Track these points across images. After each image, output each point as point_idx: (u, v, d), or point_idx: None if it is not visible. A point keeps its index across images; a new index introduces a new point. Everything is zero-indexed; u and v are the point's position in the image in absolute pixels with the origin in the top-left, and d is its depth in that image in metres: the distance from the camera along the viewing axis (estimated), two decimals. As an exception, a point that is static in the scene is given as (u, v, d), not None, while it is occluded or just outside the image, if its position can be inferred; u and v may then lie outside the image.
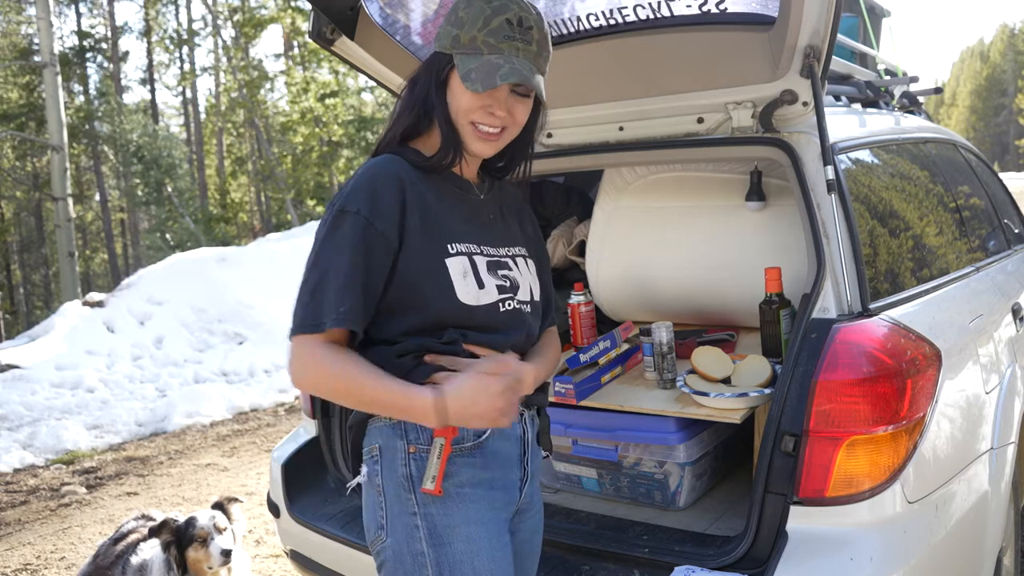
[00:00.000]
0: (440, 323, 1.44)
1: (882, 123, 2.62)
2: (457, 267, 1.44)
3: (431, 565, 1.40)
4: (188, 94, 30.30)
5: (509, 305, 1.50)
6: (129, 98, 27.04)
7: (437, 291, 1.42)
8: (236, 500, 2.71)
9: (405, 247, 1.42)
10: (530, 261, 1.61)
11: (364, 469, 1.50)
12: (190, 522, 2.56)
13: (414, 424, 1.43)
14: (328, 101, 20.00)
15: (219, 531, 2.55)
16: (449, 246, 1.45)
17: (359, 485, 1.53)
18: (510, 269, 1.54)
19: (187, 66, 27.67)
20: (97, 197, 26.27)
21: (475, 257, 1.48)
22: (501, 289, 1.49)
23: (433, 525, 1.41)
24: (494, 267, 1.50)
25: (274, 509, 2.57)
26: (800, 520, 1.68)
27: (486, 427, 1.42)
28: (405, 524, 1.42)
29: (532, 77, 1.43)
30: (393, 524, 1.43)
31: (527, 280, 1.56)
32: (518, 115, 1.49)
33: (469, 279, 1.45)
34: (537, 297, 1.59)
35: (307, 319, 1.38)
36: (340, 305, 1.36)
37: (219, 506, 2.67)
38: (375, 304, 1.42)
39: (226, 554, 2.52)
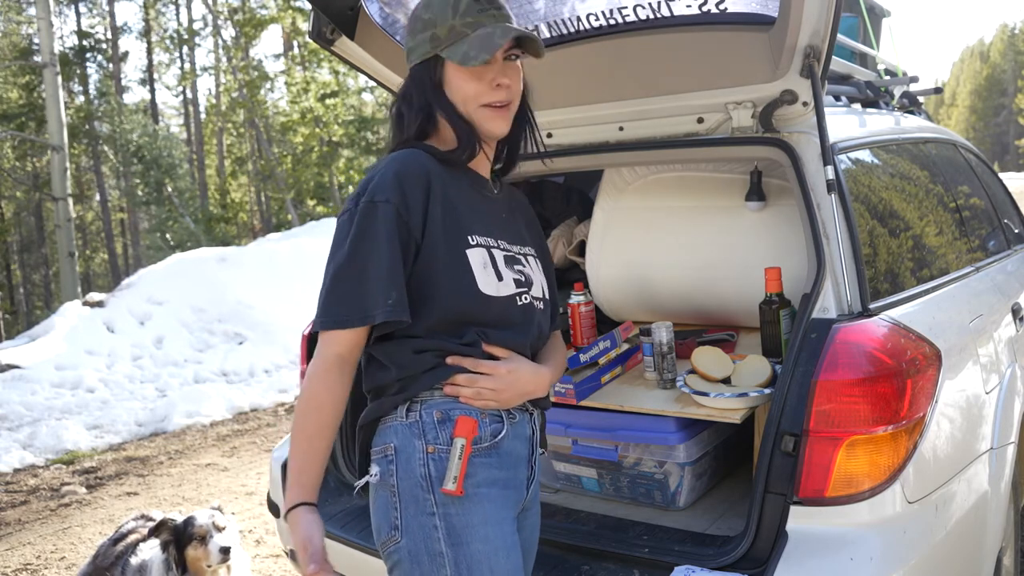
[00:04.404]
0: (460, 316, 1.45)
1: (882, 123, 2.62)
2: (477, 258, 1.46)
3: (449, 565, 1.39)
4: (188, 94, 30.31)
5: (525, 299, 1.53)
6: (129, 98, 27.06)
7: (458, 281, 1.44)
8: (220, 510, 2.67)
9: (428, 237, 1.43)
10: (538, 261, 1.63)
11: (375, 469, 1.48)
12: (189, 521, 2.55)
13: (432, 423, 1.44)
14: (328, 101, 19.98)
15: (218, 529, 2.55)
16: (469, 237, 1.47)
17: (365, 485, 1.52)
18: (524, 265, 1.56)
19: (187, 66, 27.67)
20: (97, 197, 26.29)
21: (493, 250, 1.50)
22: (518, 283, 1.52)
23: (452, 525, 1.41)
24: (510, 262, 1.53)
25: (274, 509, 2.57)
26: (800, 520, 1.68)
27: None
28: (423, 524, 1.41)
29: (522, 30, 1.48)
30: (409, 524, 1.42)
31: (538, 278, 1.59)
32: (515, 82, 1.53)
33: (489, 270, 1.47)
34: (547, 295, 1.62)
35: (354, 312, 1.39)
36: (388, 297, 1.38)
37: (218, 507, 2.66)
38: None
39: (225, 551, 2.50)
